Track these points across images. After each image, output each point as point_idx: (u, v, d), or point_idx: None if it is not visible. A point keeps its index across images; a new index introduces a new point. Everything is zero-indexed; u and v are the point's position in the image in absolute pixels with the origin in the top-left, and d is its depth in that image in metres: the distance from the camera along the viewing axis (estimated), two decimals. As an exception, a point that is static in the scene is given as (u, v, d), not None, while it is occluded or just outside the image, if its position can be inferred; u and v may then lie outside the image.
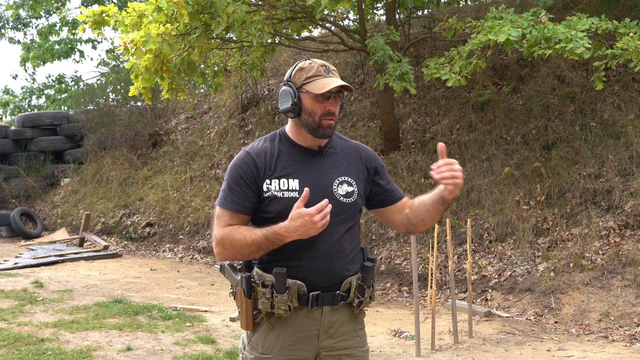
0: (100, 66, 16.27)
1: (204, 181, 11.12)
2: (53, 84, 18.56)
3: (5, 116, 18.90)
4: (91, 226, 11.40)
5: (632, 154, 7.07)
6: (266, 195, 2.12)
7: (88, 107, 13.92)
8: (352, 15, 11.23)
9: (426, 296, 6.87)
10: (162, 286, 7.63)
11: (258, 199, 2.15)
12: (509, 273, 6.75)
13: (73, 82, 18.42)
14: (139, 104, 13.37)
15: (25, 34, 19.44)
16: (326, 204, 2.02)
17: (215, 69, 9.28)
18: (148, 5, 6.67)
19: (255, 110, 11.84)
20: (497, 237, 7.27)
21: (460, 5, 11.68)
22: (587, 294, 6.06)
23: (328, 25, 9.61)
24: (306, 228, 2.00)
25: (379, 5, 10.72)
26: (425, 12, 11.43)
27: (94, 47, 17.74)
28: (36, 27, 17.69)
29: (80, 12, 7.09)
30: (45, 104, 18.56)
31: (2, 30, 17.47)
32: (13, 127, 14.68)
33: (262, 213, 2.15)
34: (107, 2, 16.16)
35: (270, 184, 2.12)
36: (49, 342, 5.05)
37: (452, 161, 2.08)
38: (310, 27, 9.09)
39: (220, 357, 4.80)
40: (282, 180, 2.13)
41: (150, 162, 12.57)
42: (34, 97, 18.81)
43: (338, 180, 2.17)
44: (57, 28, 16.37)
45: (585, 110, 7.88)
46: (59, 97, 18.32)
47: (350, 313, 2.21)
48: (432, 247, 5.27)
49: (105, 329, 5.48)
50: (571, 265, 6.39)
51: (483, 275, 6.92)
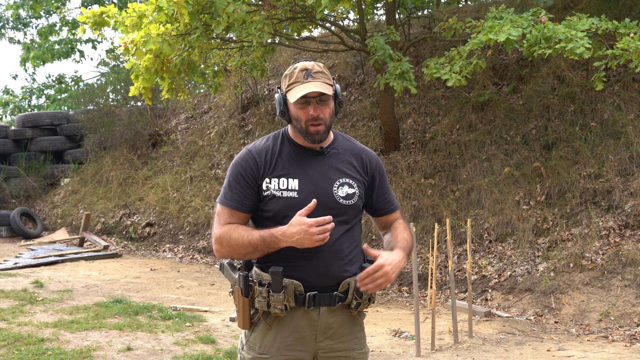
0: (100, 66, 16.29)
1: (204, 181, 11.12)
2: (53, 84, 18.56)
3: (5, 116, 18.91)
4: (91, 226, 11.40)
5: (632, 154, 7.07)
6: (265, 193, 2.13)
7: (88, 107, 13.92)
8: (352, 15, 11.23)
9: (426, 296, 6.87)
10: (162, 286, 7.62)
11: (258, 197, 2.15)
12: (509, 273, 6.75)
13: (73, 82, 18.42)
14: (139, 104, 13.37)
15: (25, 34, 19.44)
16: (329, 220, 2.00)
17: (215, 69, 9.27)
18: (148, 5, 6.67)
19: (255, 110, 11.84)
20: (497, 237, 7.27)
21: (460, 5, 11.68)
22: (587, 294, 6.06)
23: (328, 25, 9.60)
24: (301, 237, 2.00)
25: (379, 5, 10.72)
26: (425, 12, 11.43)
27: (94, 47, 17.73)
28: (36, 27, 17.72)
29: (80, 12, 7.08)
30: (45, 104, 18.56)
31: (2, 30, 17.47)
32: (13, 127, 14.68)
33: (261, 212, 2.16)
34: (107, 2, 16.16)
35: (270, 183, 2.12)
36: (49, 342, 5.05)
37: (375, 269, 2.02)
38: (310, 27, 9.09)
39: (220, 357, 4.80)
40: (281, 179, 2.13)
41: (150, 162, 12.57)
42: (34, 97, 18.82)
43: (339, 182, 2.17)
44: (57, 28, 16.37)
45: (585, 110, 7.88)
46: (59, 97, 18.32)
47: (349, 315, 2.19)
48: (432, 247, 5.27)
49: (105, 329, 5.48)
50: (571, 265, 6.39)
51: (483, 275, 6.92)
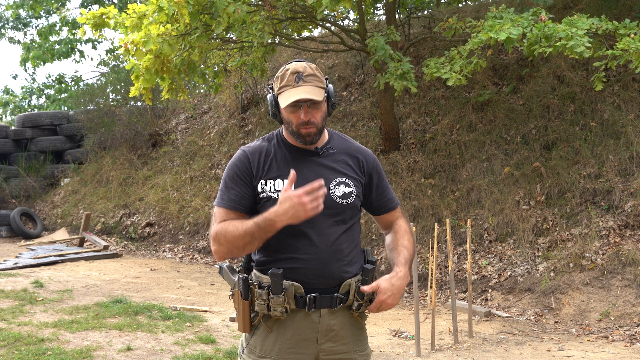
0: (100, 66, 16.28)
1: (204, 181, 11.12)
2: (53, 84, 18.55)
3: (5, 116, 18.91)
4: (91, 226, 11.40)
5: (632, 154, 7.07)
6: (261, 196, 2.11)
7: (88, 107, 13.92)
8: (352, 15, 11.23)
9: (426, 296, 6.87)
10: (162, 286, 7.62)
11: (254, 197, 2.13)
12: (509, 273, 6.75)
13: (73, 82, 18.42)
14: (139, 104, 13.37)
15: (25, 34, 19.43)
16: (318, 185, 1.96)
17: (216, 69, 9.27)
18: (148, 6, 6.67)
19: (255, 110, 11.84)
20: (497, 237, 7.27)
21: (460, 5, 11.68)
22: (587, 294, 6.06)
23: (328, 25, 9.60)
24: (295, 210, 1.95)
25: (379, 5, 10.72)
26: (425, 12, 11.43)
27: (94, 47, 17.72)
28: (36, 27, 17.71)
29: (80, 14, 7.08)
30: (45, 104, 18.56)
31: (2, 30, 17.47)
32: (13, 127, 14.68)
33: (257, 214, 2.12)
34: (107, 2, 16.16)
35: (265, 185, 2.11)
36: (49, 342, 5.05)
37: (377, 305, 2.12)
38: (310, 27, 9.09)
39: (220, 357, 4.80)
40: (277, 181, 2.11)
41: (150, 162, 12.57)
42: (34, 97, 18.81)
43: (335, 181, 2.15)
44: (57, 28, 16.36)
45: (585, 110, 7.88)
46: (59, 97, 18.32)
47: (350, 316, 2.18)
48: (432, 247, 5.27)
49: (105, 329, 5.48)
50: (571, 265, 6.39)
51: (483, 275, 6.92)
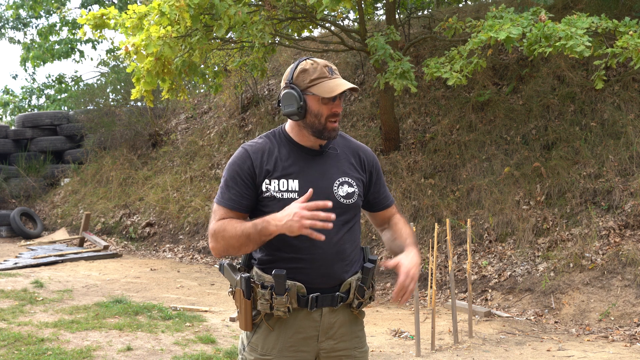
0: (100, 66, 16.29)
1: (204, 181, 11.12)
2: (53, 84, 18.55)
3: (5, 116, 18.91)
4: (91, 226, 11.40)
5: (632, 154, 7.07)
6: (265, 195, 2.11)
7: (88, 107, 13.92)
8: (352, 15, 11.23)
9: (426, 296, 6.87)
10: (162, 286, 7.62)
11: (255, 196, 2.13)
12: (509, 273, 6.75)
13: (73, 82, 18.42)
14: (139, 104, 13.37)
15: (25, 34, 19.42)
16: (323, 205, 1.94)
17: (216, 69, 9.27)
18: (149, 8, 6.67)
19: (255, 110, 11.84)
20: (497, 237, 7.27)
21: (460, 5, 11.68)
22: (587, 294, 6.06)
23: (328, 25, 9.60)
24: (290, 220, 1.93)
25: (379, 5, 10.72)
26: (425, 12, 11.43)
27: (94, 47, 17.73)
28: (36, 27, 17.71)
29: (80, 15, 7.08)
30: (45, 104, 18.56)
31: (2, 30, 17.47)
32: (13, 127, 14.67)
33: (260, 213, 2.12)
34: (107, 2, 16.16)
35: (270, 184, 2.10)
36: (49, 342, 5.05)
37: (405, 279, 2.05)
38: (310, 28, 9.09)
39: (220, 357, 4.80)
40: (281, 180, 2.11)
41: (150, 162, 12.57)
42: (34, 97, 18.81)
43: (339, 181, 2.16)
44: (57, 28, 16.37)
45: (585, 110, 7.88)
46: (59, 97, 18.32)
47: (350, 314, 2.20)
48: (432, 247, 5.27)
49: (105, 329, 5.48)
50: (571, 265, 6.38)
51: (483, 275, 6.92)
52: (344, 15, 10.83)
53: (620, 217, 6.57)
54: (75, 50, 16.60)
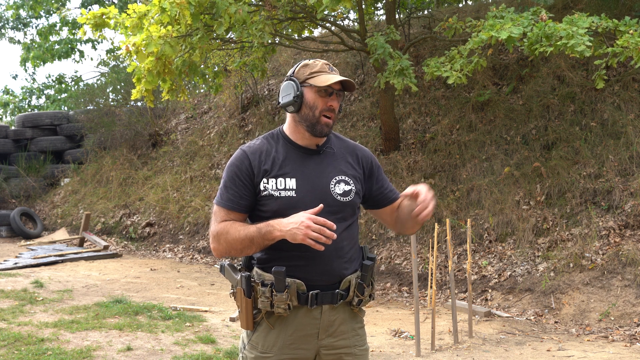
0: (100, 66, 16.28)
1: (204, 181, 11.12)
2: (53, 84, 18.56)
3: (5, 116, 18.91)
4: (91, 226, 11.40)
5: (632, 154, 7.07)
6: (263, 194, 2.14)
7: (88, 107, 13.93)
8: (352, 15, 11.23)
9: (426, 296, 6.87)
10: (162, 286, 7.62)
11: (254, 196, 2.16)
12: (509, 273, 6.75)
13: (73, 82, 18.42)
14: (139, 104, 13.37)
15: (25, 34, 19.42)
16: (330, 225, 1.99)
17: (216, 69, 9.26)
18: (149, 7, 6.66)
19: (255, 110, 11.84)
20: (497, 237, 7.27)
21: (460, 5, 11.68)
22: (587, 294, 6.06)
23: (328, 25, 9.60)
24: (296, 228, 1.99)
25: (379, 5, 10.72)
26: (425, 12, 11.43)
27: (94, 47, 17.74)
28: (36, 27, 17.71)
29: (80, 14, 7.07)
30: (45, 104, 18.56)
31: (2, 30, 17.47)
32: (13, 127, 14.68)
33: (259, 212, 2.17)
34: (107, 2, 16.16)
35: (267, 183, 2.13)
36: (49, 342, 5.05)
37: (426, 194, 2.08)
38: (310, 28, 9.09)
39: (220, 357, 4.80)
40: (279, 179, 2.14)
41: (150, 162, 12.57)
42: (34, 97, 18.81)
43: (335, 179, 2.18)
44: (57, 28, 16.37)
45: (585, 110, 7.88)
46: (59, 97, 18.32)
47: (350, 312, 2.21)
48: (432, 247, 5.27)
49: (105, 329, 5.48)
50: (571, 265, 6.38)
51: (483, 275, 6.92)
52: (344, 15, 10.83)
53: (620, 217, 6.57)
54: (75, 50, 16.60)
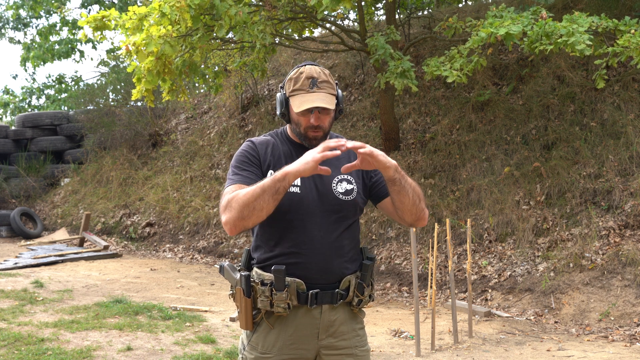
0: (100, 66, 16.28)
1: (204, 181, 11.12)
2: (53, 84, 18.56)
3: (6, 116, 18.91)
4: (91, 226, 11.40)
5: (632, 154, 7.07)
6: None
7: (88, 107, 13.92)
8: (352, 15, 11.23)
9: (426, 296, 6.87)
10: (162, 286, 7.62)
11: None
12: (509, 273, 6.75)
13: (73, 82, 18.42)
14: (139, 104, 13.37)
15: (25, 34, 19.40)
16: (335, 143, 1.95)
17: (216, 69, 9.26)
18: (149, 9, 6.66)
19: (255, 110, 11.84)
20: (497, 237, 7.27)
21: (460, 5, 11.68)
22: (587, 294, 6.06)
23: (328, 25, 9.60)
24: (306, 157, 1.94)
25: (379, 5, 10.72)
26: (425, 12, 11.43)
27: (94, 47, 17.74)
28: (36, 27, 17.71)
29: (80, 15, 7.07)
30: (45, 104, 18.56)
31: (2, 30, 17.47)
32: (13, 127, 14.68)
33: None
34: (107, 1, 16.16)
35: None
36: (49, 342, 5.05)
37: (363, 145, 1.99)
38: (311, 28, 9.09)
39: (220, 357, 4.80)
40: None
41: (150, 162, 12.57)
42: (34, 97, 18.81)
43: (337, 178, 2.18)
44: (57, 28, 16.37)
45: (585, 110, 7.88)
46: (59, 97, 18.32)
47: (350, 312, 2.21)
48: (432, 247, 5.27)
49: (105, 329, 5.48)
50: (571, 265, 6.38)
51: (483, 275, 6.92)
52: (344, 16, 10.83)
53: (620, 217, 6.57)
54: (76, 50, 16.60)
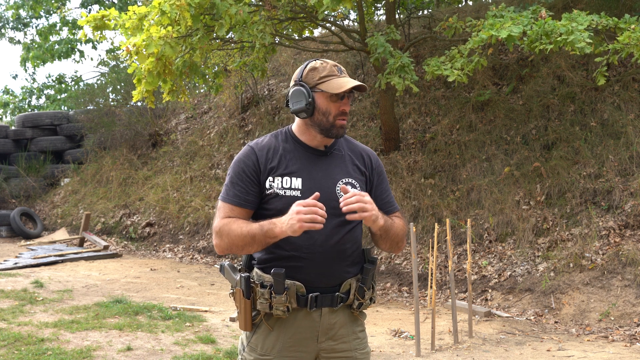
0: (100, 66, 16.29)
1: (204, 181, 11.12)
2: (53, 84, 18.55)
3: (5, 116, 18.90)
4: (91, 226, 11.40)
5: (632, 154, 7.07)
6: (268, 192, 2.12)
7: (88, 107, 13.93)
8: (352, 15, 11.23)
9: (426, 296, 6.87)
10: (162, 286, 7.62)
11: (260, 193, 2.13)
12: (509, 273, 6.75)
13: (73, 82, 18.42)
14: (139, 104, 13.37)
15: (25, 34, 19.38)
16: (313, 197, 1.96)
17: (216, 69, 9.25)
18: (149, 8, 6.66)
19: (255, 110, 11.84)
20: (497, 237, 7.27)
21: (460, 5, 11.68)
22: (587, 294, 6.06)
23: (328, 25, 9.60)
24: (291, 219, 1.95)
25: (379, 5, 10.72)
26: (425, 12, 11.43)
27: (94, 47, 17.72)
28: (36, 27, 17.70)
29: (80, 17, 7.06)
30: (45, 104, 18.56)
31: (2, 30, 17.46)
32: (13, 127, 14.68)
33: (263, 210, 2.14)
34: (107, 1, 16.15)
35: (273, 182, 2.11)
36: (49, 342, 5.05)
37: (362, 194, 2.02)
38: (311, 28, 9.09)
39: (220, 357, 4.80)
40: (285, 178, 2.11)
41: (150, 162, 12.57)
42: (34, 97, 18.81)
43: (342, 181, 2.16)
44: (57, 28, 16.37)
45: (585, 110, 7.88)
46: (59, 97, 18.32)
47: (350, 315, 2.19)
48: (432, 247, 5.27)
49: (105, 329, 5.48)
50: (571, 265, 6.38)
51: (483, 275, 6.92)
52: (345, 15, 10.83)
53: (620, 217, 6.57)
54: (75, 50, 16.59)
